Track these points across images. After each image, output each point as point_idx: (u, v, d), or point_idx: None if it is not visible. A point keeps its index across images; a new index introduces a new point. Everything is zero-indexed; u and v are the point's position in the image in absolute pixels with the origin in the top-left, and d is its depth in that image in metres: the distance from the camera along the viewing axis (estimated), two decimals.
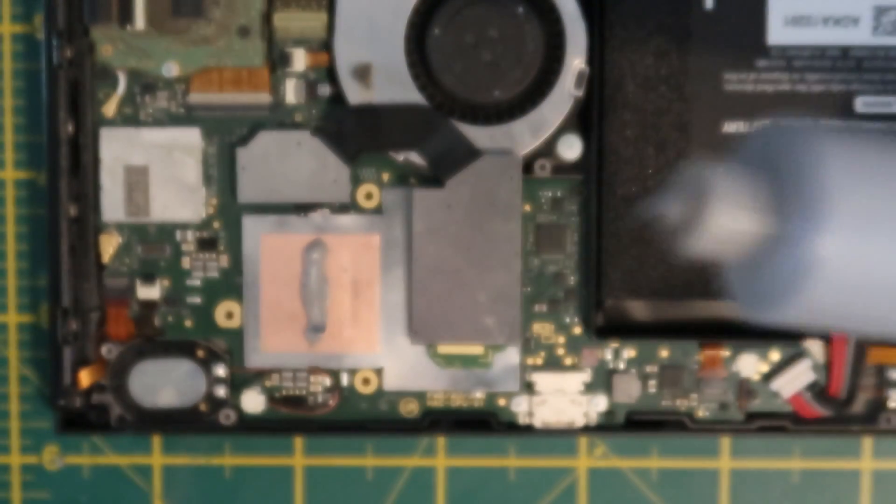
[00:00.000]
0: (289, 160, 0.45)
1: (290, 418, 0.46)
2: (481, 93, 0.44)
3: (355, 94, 0.44)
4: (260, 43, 0.44)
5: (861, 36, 0.43)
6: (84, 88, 0.45)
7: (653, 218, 0.32)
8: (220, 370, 0.46)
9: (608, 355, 0.46)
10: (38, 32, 0.47)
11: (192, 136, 0.45)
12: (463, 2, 0.43)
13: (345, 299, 0.45)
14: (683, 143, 0.43)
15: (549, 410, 0.46)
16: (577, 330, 0.46)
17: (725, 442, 0.48)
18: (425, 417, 0.46)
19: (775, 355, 0.46)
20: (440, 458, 0.49)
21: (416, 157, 0.44)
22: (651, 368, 0.46)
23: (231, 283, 0.46)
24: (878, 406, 0.47)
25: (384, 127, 0.44)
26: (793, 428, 0.46)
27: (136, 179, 0.45)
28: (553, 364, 0.46)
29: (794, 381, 0.46)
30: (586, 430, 0.46)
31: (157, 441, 0.48)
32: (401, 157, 0.44)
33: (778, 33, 0.43)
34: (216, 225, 0.46)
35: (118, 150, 0.45)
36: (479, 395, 0.46)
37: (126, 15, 0.44)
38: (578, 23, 0.44)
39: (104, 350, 0.46)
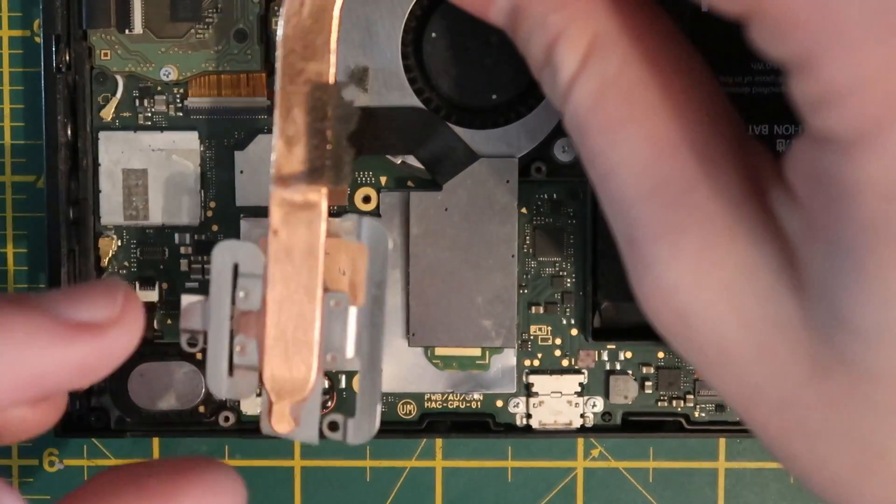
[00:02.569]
0: None
1: None
2: (478, 96, 0.44)
3: (353, 98, 0.44)
4: (258, 47, 0.44)
5: None
6: (82, 92, 0.45)
7: None
8: None
9: (605, 357, 0.46)
10: (36, 37, 0.47)
11: (190, 140, 0.45)
12: None
13: None
14: None
15: (547, 412, 0.46)
16: (574, 332, 0.46)
17: (722, 443, 0.49)
18: (423, 419, 0.46)
19: None
20: (438, 459, 0.49)
21: (413, 161, 0.44)
22: (648, 370, 0.46)
23: None
24: None
25: (381, 130, 0.44)
26: None
27: (135, 183, 0.45)
28: (550, 366, 0.46)
29: None
30: (583, 431, 0.46)
31: (156, 443, 0.49)
32: (398, 160, 0.44)
33: None
34: (214, 228, 0.46)
35: (116, 153, 0.45)
36: (476, 397, 0.46)
37: (124, 19, 0.44)
38: None
39: None
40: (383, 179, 0.45)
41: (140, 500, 0.33)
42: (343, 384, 0.46)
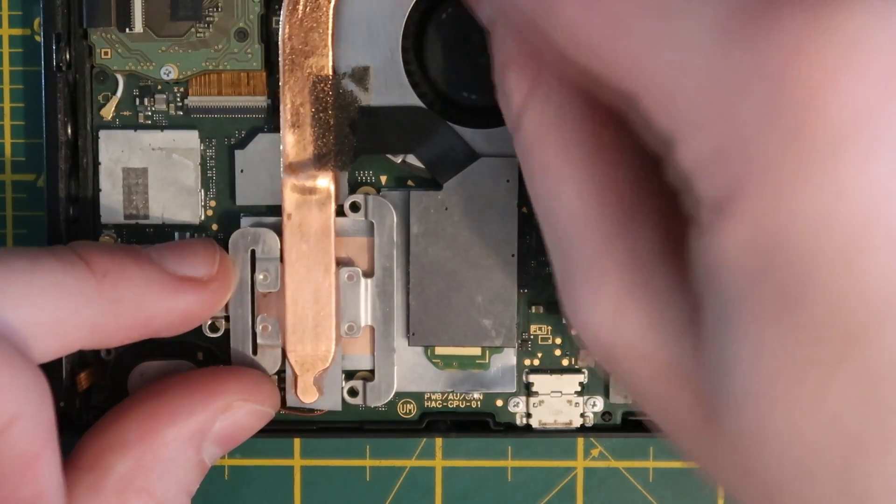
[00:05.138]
0: None
1: (289, 419, 0.46)
2: (479, 96, 0.44)
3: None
4: (258, 46, 0.44)
5: None
6: (83, 91, 0.45)
7: None
8: None
9: None
10: (36, 35, 0.47)
11: (190, 139, 0.45)
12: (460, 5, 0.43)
13: None
14: None
15: (547, 411, 0.46)
16: (575, 331, 0.46)
17: None
18: (423, 418, 0.46)
19: None
20: (438, 458, 0.49)
21: (413, 160, 0.44)
22: None
23: None
24: None
25: (382, 130, 0.44)
26: None
27: (135, 182, 0.45)
28: (550, 365, 0.46)
29: None
30: (583, 430, 0.46)
31: None
32: (398, 159, 0.44)
33: None
34: (214, 227, 0.46)
35: (117, 152, 0.45)
36: (476, 397, 0.46)
37: (124, 18, 0.44)
38: None
39: (103, 352, 0.46)
40: (383, 178, 0.45)
41: (189, 392, 0.41)
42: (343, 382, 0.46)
